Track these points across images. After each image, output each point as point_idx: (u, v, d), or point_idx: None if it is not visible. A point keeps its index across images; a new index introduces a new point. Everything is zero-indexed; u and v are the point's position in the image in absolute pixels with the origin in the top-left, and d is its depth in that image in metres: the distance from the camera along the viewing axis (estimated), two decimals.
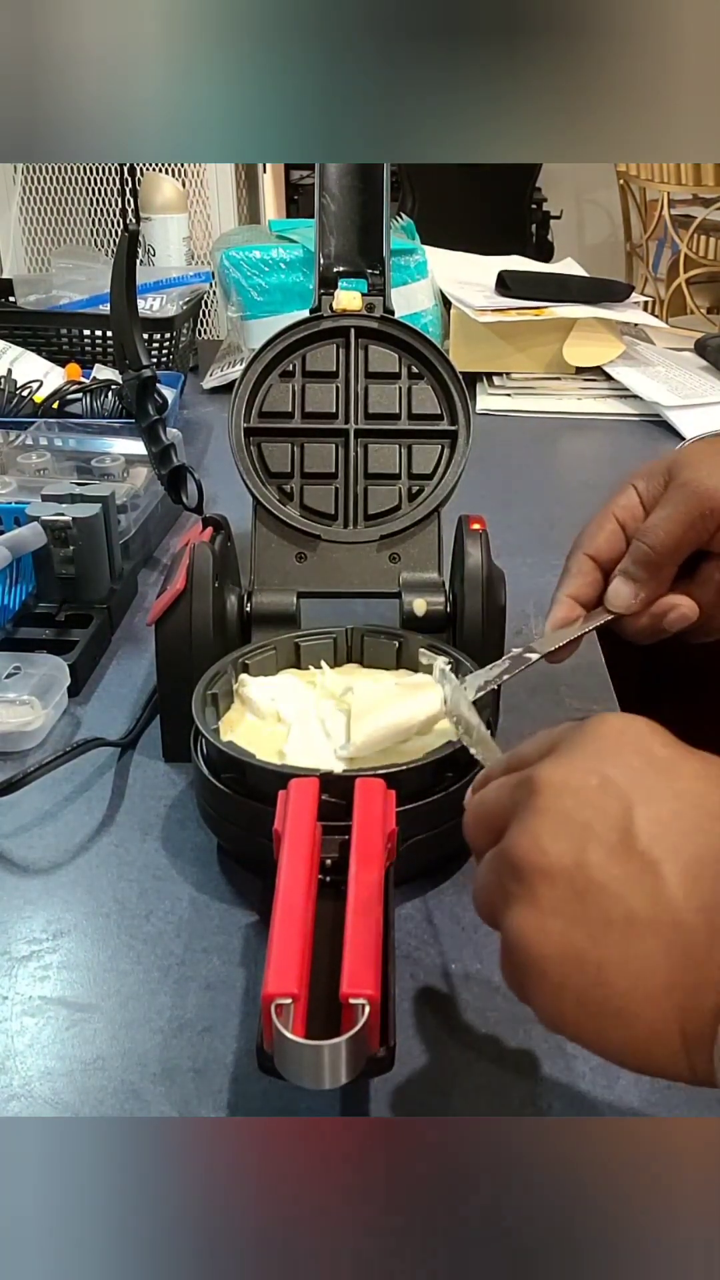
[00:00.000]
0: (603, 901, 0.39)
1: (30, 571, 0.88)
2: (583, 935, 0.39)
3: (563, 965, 0.39)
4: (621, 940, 0.38)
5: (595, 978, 0.39)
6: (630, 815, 0.40)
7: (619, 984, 0.38)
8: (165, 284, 1.52)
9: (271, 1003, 0.45)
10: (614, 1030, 0.39)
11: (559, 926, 0.39)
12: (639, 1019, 0.38)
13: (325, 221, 0.80)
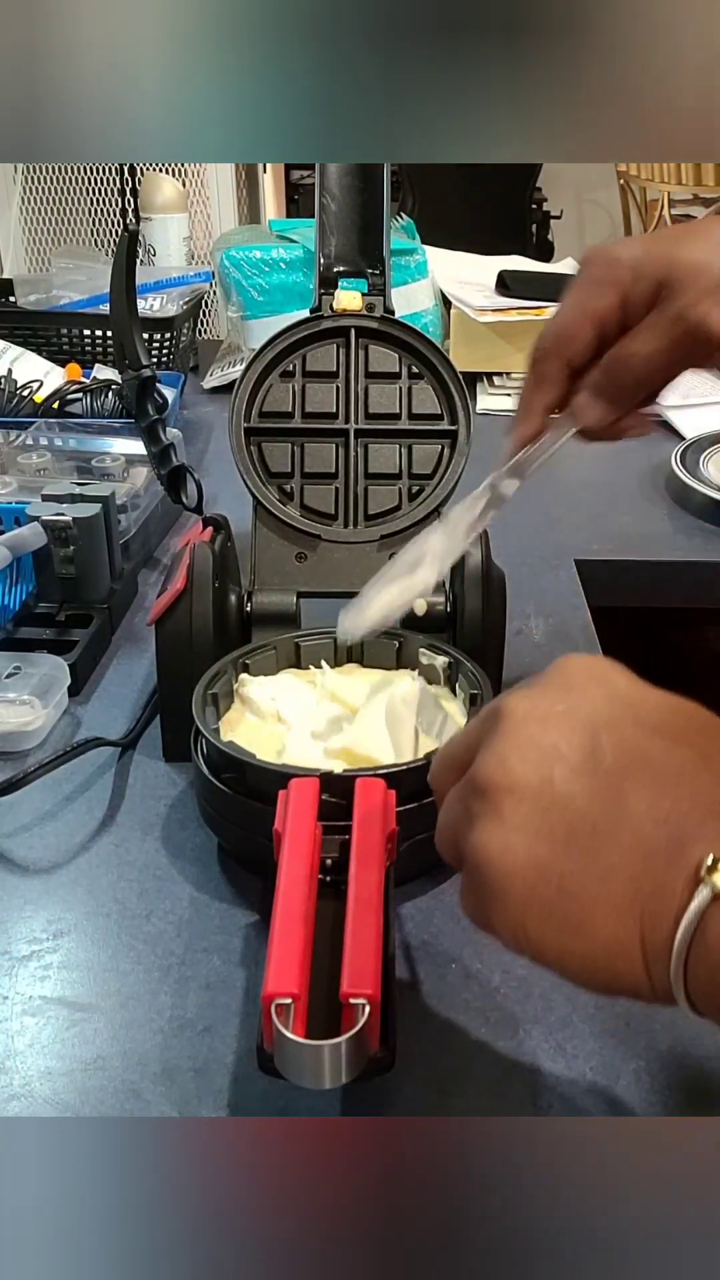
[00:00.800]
0: (568, 815, 0.39)
1: (30, 571, 0.88)
2: (547, 849, 0.39)
3: (528, 878, 0.39)
4: (586, 852, 0.39)
5: (560, 888, 0.39)
6: (596, 738, 0.40)
7: (583, 895, 0.38)
8: (165, 284, 1.52)
9: (272, 1002, 0.45)
10: (578, 943, 0.39)
11: (524, 841, 0.40)
12: (602, 930, 0.38)
13: (325, 221, 0.80)
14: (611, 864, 0.38)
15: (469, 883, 0.42)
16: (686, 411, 1.33)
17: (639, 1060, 0.53)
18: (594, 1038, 0.55)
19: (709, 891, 0.36)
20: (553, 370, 0.63)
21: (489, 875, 0.40)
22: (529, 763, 0.41)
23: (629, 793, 0.39)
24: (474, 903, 0.42)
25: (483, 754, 0.42)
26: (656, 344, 0.60)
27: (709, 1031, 0.55)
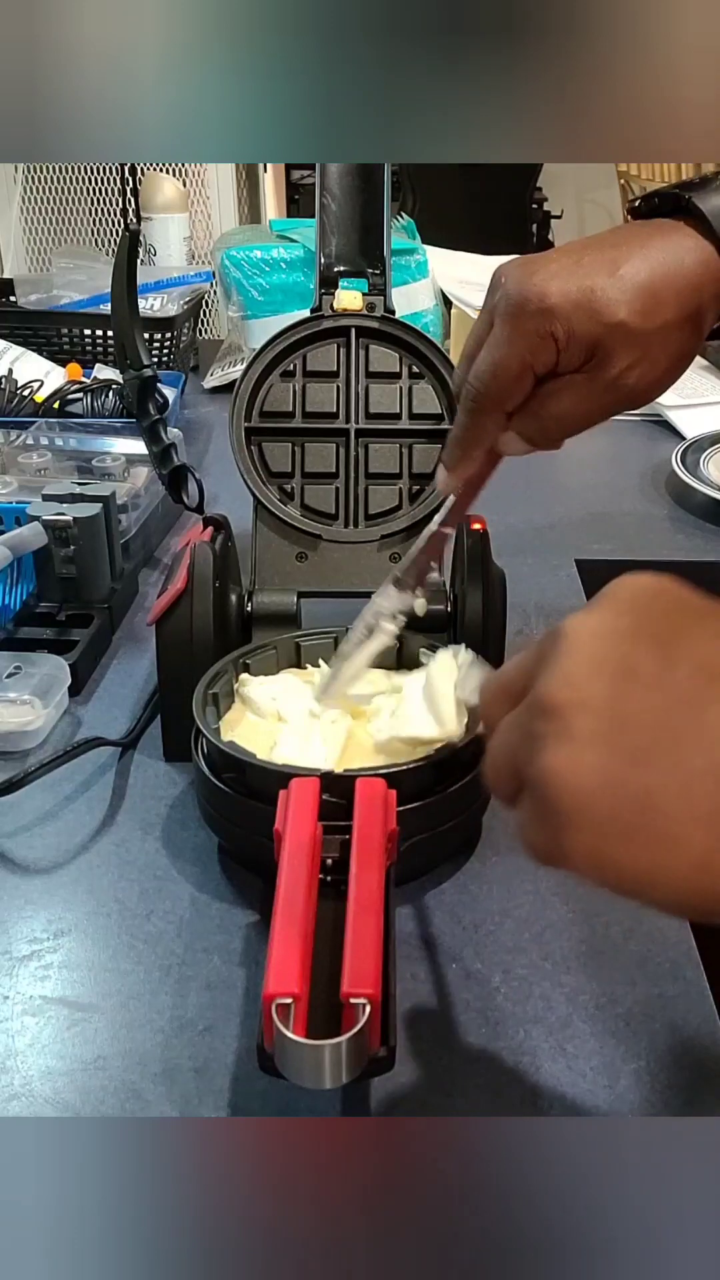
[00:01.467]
0: (646, 726, 0.37)
1: (31, 571, 0.88)
2: (624, 763, 0.36)
3: (606, 796, 0.36)
4: (668, 763, 0.36)
5: (643, 804, 0.36)
6: (667, 649, 0.38)
7: (668, 809, 0.36)
8: (166, 284, 1.52)
9: (272, 1002, 0.45)
10: (664, 859, 0.36)
11: (599, 757, 0.37)
12: (689, 844, 0.36)
13: (326, 221, 0.80)
14: (696, 771, 0.36)
15: (535, 813, 0.39)
16: (687, 411, 1.33)
17: (640, 1060, 0.53)
18: (594, 1038, 0.55)
19: None
20: (495, 419, 0.62)
21: (561, 798, 0.37)
22: (599, 677, 0.38)
23: (710, 700, 0.36)
24: (543, 835, 0.38)
25: (545, 674, 0.39)
26: (588, 405, 0.61)
27: (710, 1032, 0.55)
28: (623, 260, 0.59)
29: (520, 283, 0.59)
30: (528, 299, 0.58)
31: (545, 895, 0.63)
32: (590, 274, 0.58)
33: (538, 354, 0.59)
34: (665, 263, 0.59)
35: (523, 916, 0.62)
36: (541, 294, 0.58)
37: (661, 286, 0.58)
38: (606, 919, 0.61)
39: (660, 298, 0.58)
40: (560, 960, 0.59)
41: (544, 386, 0.61)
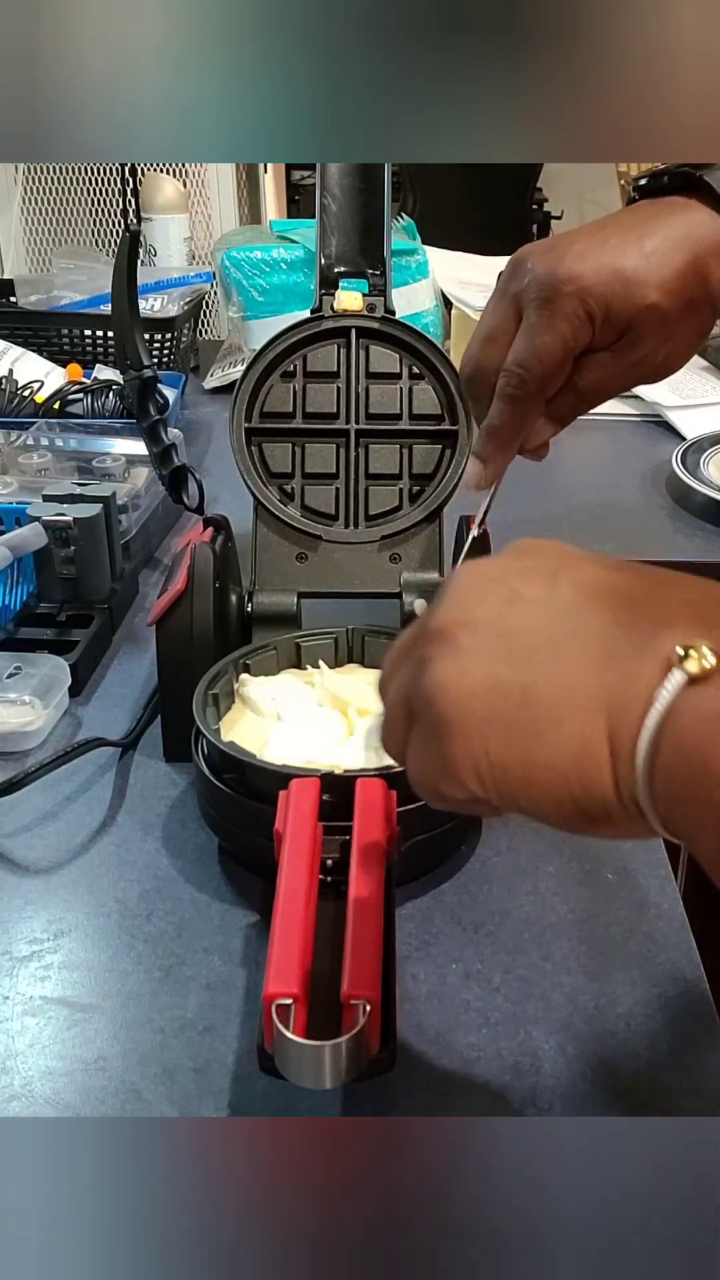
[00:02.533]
0: (527, 635, 0.38)
1: (31, 571, 0.88)
2: (507, 667, 0.37)
3: (487, 698, 0.37)
4: (547, 662, 0.37)
5: (522, 700, 0.37)
6: (553, 577, 0.39)
7: (547, 700, 0.37)
8: (166, 284, 1.52)
9: (272, 1003, 0.45)
10: (542, 751, 0.36)
11: (481, 665, 0.38)
12: (567, 732, 0.36)
13: (326, 222, 0.80)
14: (576, 666, 0.36)
15: (422, 737, 0.39)
16: (687, 412, 1.33)
17: (640, 1061, 0.53)
18: (595, 1038, 0.55)
19: (682, 675, 0.34)
20: (537, 407, 0.63)
21: (446, 704, 0.38)
22: (486, 601, 0.39)
23: (593, 610, 0.37)
24: (428, 754, 0.39)
25: (434, 609, 0.40)
26: (618, 382, 0.62)
27: (710, 1032, 0.55)
28: (647, 238, 0.59)
29: (550, 266, 0.59)
30: (561, 280, 0.59)
31: (546, 896, 0.63)
32: (618, 255, 0.59)
33: (578, 335, 0.59)
34: (687, 240, 0.59)
35: (523, 917, 0.62)
36: (574, 275, 0.58)
37: (686, 265, 0.59)
38: (607, 920, 0.61)
39: (686, 277, 0.59)
40: (560, 961, 0.59)
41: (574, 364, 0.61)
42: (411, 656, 0.41)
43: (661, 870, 0.65)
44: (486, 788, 0.38)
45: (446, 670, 0.38)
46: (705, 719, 0.34)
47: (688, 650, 0.35)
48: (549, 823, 0.38)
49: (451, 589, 0.41)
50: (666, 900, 0.63)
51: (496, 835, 0.68)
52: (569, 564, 0.40)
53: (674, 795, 0.35)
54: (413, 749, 0.41)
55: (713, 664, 0.34)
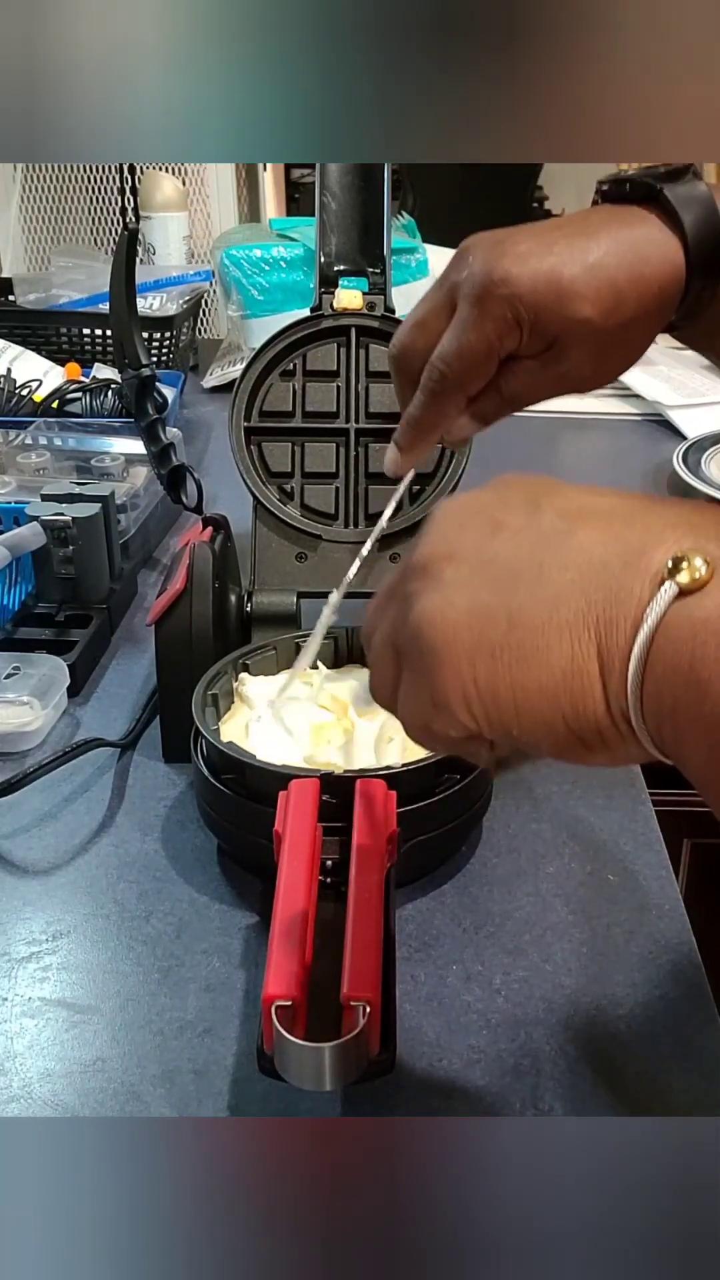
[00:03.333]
0: (512, 562, 0.37)
1: (30, 571, 0.88)
2: (492, 594, 0.37)
3: (473, 626, 0.37)
4: (533, 585, 0.37)
5: (509, 624, 0.36)
6: (535, 502, 0.38)
7: (534, 622, 0.36)
8: (165, 283, 1.51)
9: (272, 1004, 0.45)
10: (532, 673, 0.36)
11: (466, 594, 0.37)
12: (556, 652, 0.36)
13: (326, 220, 0.80)
14: (563, 587, 0.36)
15: (410, 672, 0.39)
16: (688, 411, 1.33)
17: (641, 1063, 0.53)
18: (596, 1040, 0.55)
19: (673, 587, 0.34)
20: (457, 403, 0.62)
21: (431, 639, 0.38)
22: (468, 531, 0.39)
23: (578, 532, 0.37)
24: (419, 693, 0.39)
25: (417, 544, 0.40)
26: (543, 391, 0.60)
27: (711, 1033, 0.55)
28: (593, 250, 0.57)
29: (488, 263, 0.57)
30: (495, 282, 0.57)
31: (546, 897, 0.63)
32: (560, 262, 0.57)
33: (504, 339, 0.58)
34: (633, 256, 0.58)
35: (523, 918, 0.62)
36: (509, 277, 0.57)
37: (627, 282, 0.57)
38: (608, 921, 0.61)
39: (624, 295, 0.57)
40: (561, 962, 0.59)
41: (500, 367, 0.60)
42: (395, 597, 0.41)
43: (663, 871, 0.65)
44: (478, 718, 0.38)
45: (431, 603, 0.38)
46: (696, 629, 0.34)
47: (679, 562, 0.34)
48: (543, 751, 0.38)
49: (433, 524, 0.40)
50: (668, 901, 0.63)
51: (497, 836, 0.67)
52: (552, 491, 0.39)
53: (665, 710, 0.34)
54: (403, 690, 0.40)
55: (704, 574, 0.34)
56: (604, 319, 0.57)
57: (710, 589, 0.34)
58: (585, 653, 0.35)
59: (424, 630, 0.38)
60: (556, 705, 0.36)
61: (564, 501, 0.38)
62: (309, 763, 0.63)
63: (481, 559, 0.38)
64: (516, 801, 0.70)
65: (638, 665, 0.34)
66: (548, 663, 0.36)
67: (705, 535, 0.35)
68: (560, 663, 0.36)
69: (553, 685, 0.36)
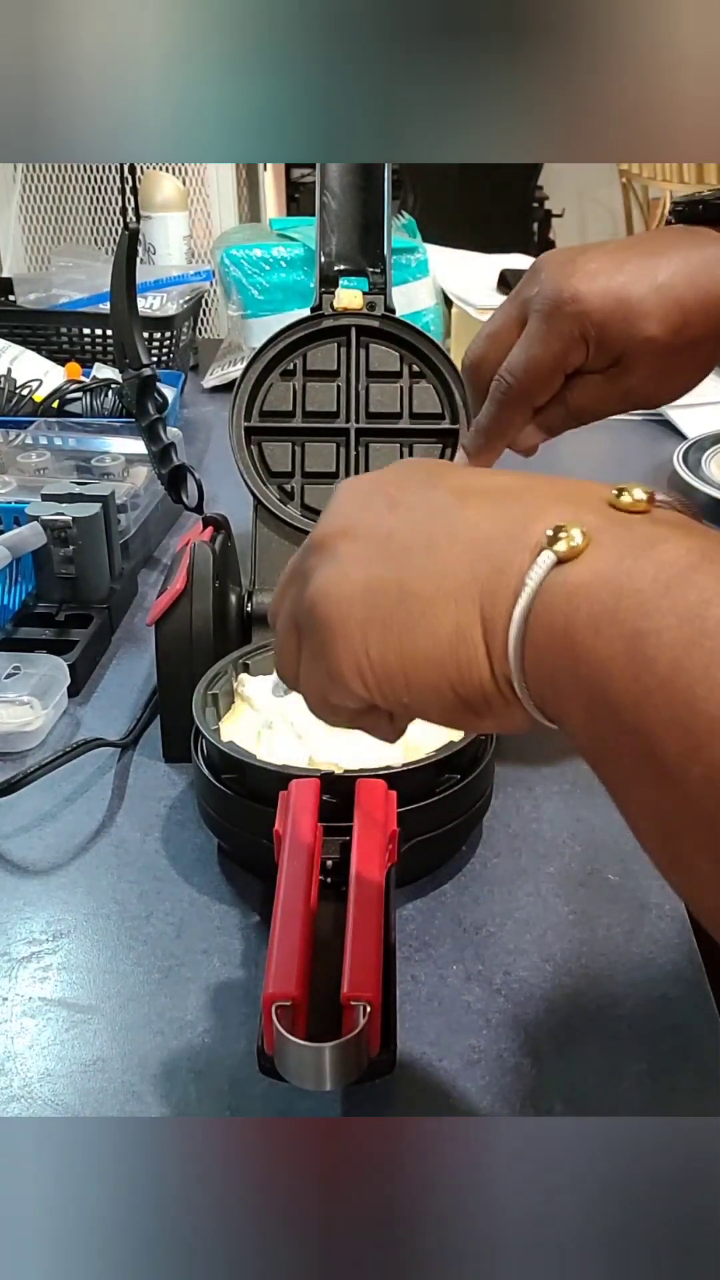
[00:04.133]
0: (404, 536, 0.39)
1: (30, 571, 0.88)
2: (384, 567, 0.38)
3: (366, 599, 0.38)
4: (423, 558, 0.38)
5: (399, 594, 0.38)
6: (431, 479, 0.40)
7: (422, 592, 0.37)
8: (165, 282, 1.51)
9: (272, 1004, 0.45)
10: (419, 642, 0.37)
11: (360, 569, 0.39)
12: (442, 620, 0.37)
13: (326, 220, 0.80)
14: (451, 559, 0.37)
15: (309, 647, 0.40)
16: (689, 411, 1.33)
17: (641, 1063, 0.53)
18: (596, 1040, 0.55)
19: (550, 556, 0.35)
20: (523, 413, 0.64)
21: (326, 612, 0.39)
22: (366, 509, 0.40)
23: (467, 508, 0.38)
24: (317, 667, 0.40)
25: (316, 527, 0.42)
26: (607, 406, 0.63)
27: (712, 1034, 0.55)
28: (662, 269, 0.59)
29: (558, 281, 0.60)
30: (564, 300, 0.59)
31: (547, 897, 0.63)
32: (630, 280, 0.59)
33: (570, 354, 0.60)
34: (702, 276, 0.60)
35: (524, 918, 0.62)
36: (578, 295, 0.59)
37: (694, 302, 0.59)
38: (608, 921, 0.61)
39: (691, 314, 0.59)
40: (561, 962, 0.59)
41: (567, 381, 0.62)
42: (297, 576, 0.42)
43: None
44: (371, 688, 0.39)
45: (327, 578, 0.39)
46: (571, 594, 0.35)
47: (558, 531, 0.35)
48: (433, 718, 0.40)
49: (333, 502, 0.42)
50: (668, 901, 0.63)
51: (498, 836, 0.67)
52: (446, 471, 0.41)
53: (545, 675, 0.36)
54: (303, 665, 0.42)
55: (580, 543, 0.35)
56: (670, 337, 0.59)
57: (586, 557, 0.35)
58: (469, 620, 0.37)
59: (318, 604, 0.39)
60: (444, 673, 0.37)
61: (458, 480, 0.40)
62: (309, 763, 0.63)
63: (375, 535, 0.39)
64: (516, 801, 0.70)
65: (518, 631, 0.36)
66: (434, 631, 0.37)
67: (585, 508, 0.37)
68: (446, 631, 0.37)
69: (439, 654, 0.37)
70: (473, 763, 0.63)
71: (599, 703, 0.34)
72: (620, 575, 0.34)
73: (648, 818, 0.34)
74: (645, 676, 0.32)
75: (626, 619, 0.33)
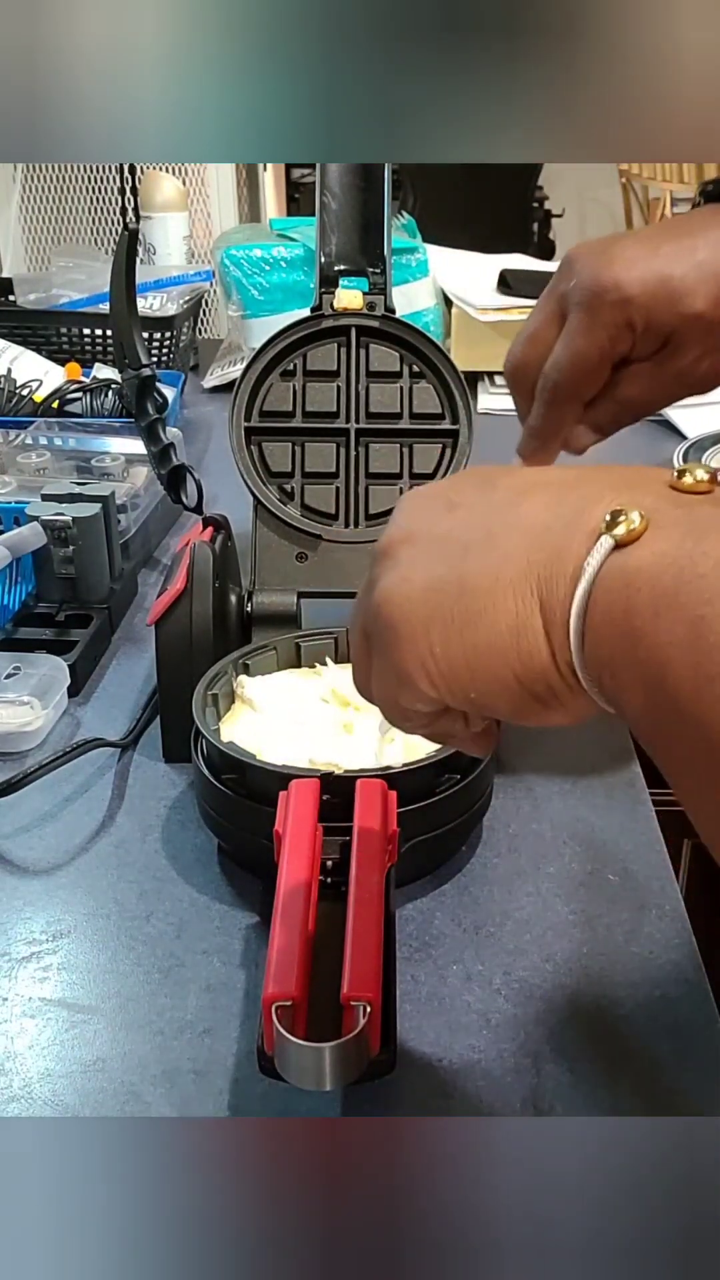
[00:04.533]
0: (463, 534, 0.39)
1: (30, 571, 0.88)
2: (445, 567, 0.39)
3: (428, 598, 0.38)
4: (482, 552, 0.38)
5: (459, 590, 0.38)
6: (488, 480, 0.40)
7: (482, 585, 0.37)
8: (165, 283, 1.51)
9: (272, 1005, 0.45)
10: (481, 634, 0.37)
11: (421, 570, 0.39)
12: (502, 611, 0.37)
13: (326, 220, 0.80)
14: (509, 551, 0.37)
15: (378, 653, 0.41)
16: (688, 410, 1.33)
17: (641, 1063, 0.53)
18: (596, 1040, 0.55)
19: (609, 541, 0.35)
20: (573, 410, 0.64)
21: (390, 615, 0.39)
22: (425, 515, 0.40)
23: (525, 503, 0.38)
24: (385, 668, 0.40)
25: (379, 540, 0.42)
26: (659, 393, 0.62)
27: (712, 1034, 0.55)
28: (700, 247, 0.59)
29: (595, 271, 0.59)
30: (605, 288, 0.59)
31: (547, 897, 0.63)
32: (668, 262, 0.59)
33: (616, 343, 0.60)
34: None
35: (524, 918, 0.62)
36: (619, 283, 0.58)
37: None
38: (608, 921, 0.61)
39: None
40: (561, 962, 0.59)
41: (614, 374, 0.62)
42: (365, 589, 0.42)
43: (663, 871, 0.65)
44: (438, 686, 0.39)
45: (390, 582, 0.40)
46: (629, 578, 0.34)
47: (615, 516, 0.35)
48: (502, 713, 0.39)
49: (395, 514, 0.42)
50: (668, 901, 0.63)
51: (498, 836, 0.67)
52: (504, 472, 0.41)
53: (604, 660, 0.35)
54: (374, 672, 0.42)
55: (639, 526, 0.35)
56: (717, 311, 0.58)
57: (645, 540, 0.35)
58: (529, 609, 0.37)
59: (383, 609, 0.40)
60: (507, 662, 0.37)
61: (515, 478, 0.40)
62: (309, 763, 0.63)
63: (435, 535, 0.40)
64: (516, 801, 0.70)
65: (578, 618, 0.35)
66: (495, 622, 0.37)
67: (644, 490, 0.36)
68: (507, 620, 0.37)
69: (501, 644, 0.37)
70: (473, 763, 0.63)
71: (657, 689, 0.33)
72: (681, 558, 0.34)
73: (706, 808, 0.34)
74: (706, 664, 0.32)
75: (688, 604, 0.33)
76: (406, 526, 0.41)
